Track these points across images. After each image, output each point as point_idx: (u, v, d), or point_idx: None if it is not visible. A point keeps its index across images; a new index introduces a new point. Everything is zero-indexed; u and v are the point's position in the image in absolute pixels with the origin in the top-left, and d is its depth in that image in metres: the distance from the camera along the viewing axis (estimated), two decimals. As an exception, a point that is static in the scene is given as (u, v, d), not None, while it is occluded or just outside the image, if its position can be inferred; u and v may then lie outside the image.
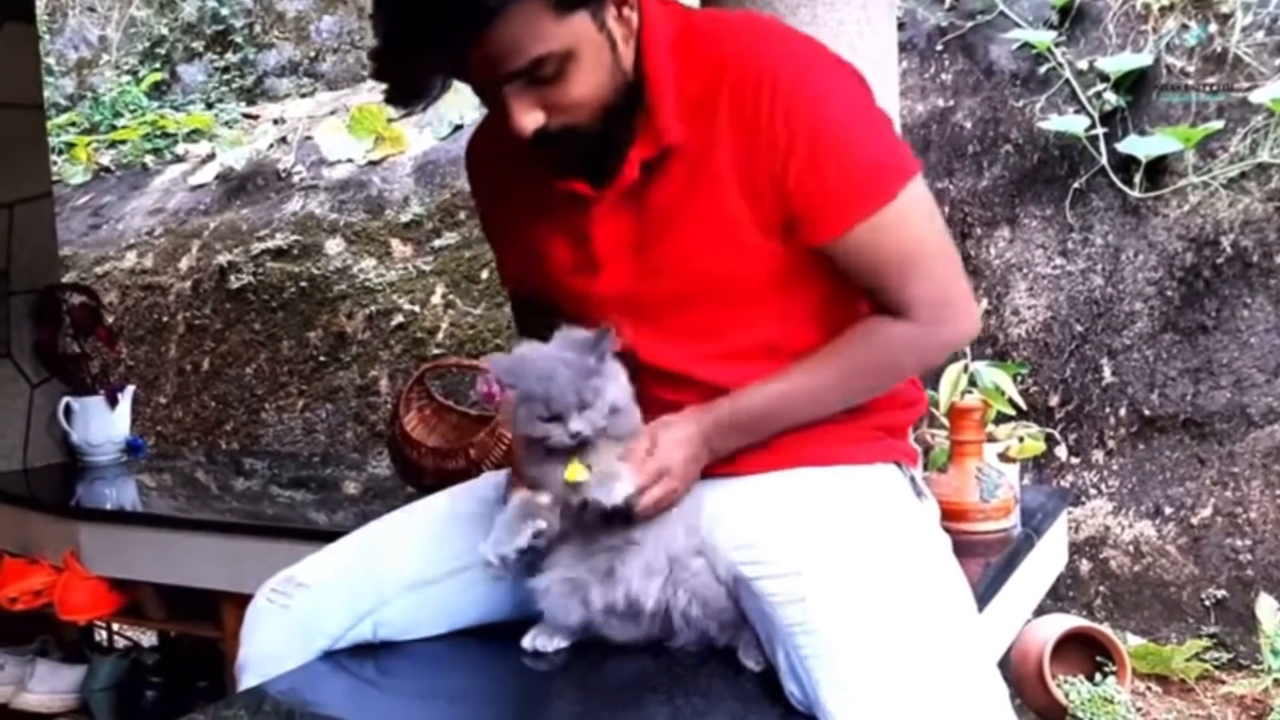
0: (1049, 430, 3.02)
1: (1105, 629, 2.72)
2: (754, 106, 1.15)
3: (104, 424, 2.79)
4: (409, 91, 1.17)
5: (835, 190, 1.15)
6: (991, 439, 1.80)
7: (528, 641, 1.27)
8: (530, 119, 1.14)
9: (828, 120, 1.15)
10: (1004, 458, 1.80)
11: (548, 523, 1.20)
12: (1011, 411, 1.77)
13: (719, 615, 1.20)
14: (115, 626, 2.82)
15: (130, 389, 2.85)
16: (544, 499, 1.21)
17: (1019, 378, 2.86)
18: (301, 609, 1.31)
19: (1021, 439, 1.81)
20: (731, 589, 1.20)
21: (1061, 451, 3.26)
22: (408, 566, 1.33)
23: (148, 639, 2.87)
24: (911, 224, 1.18)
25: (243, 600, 1.38)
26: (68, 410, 2.80)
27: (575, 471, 1.17)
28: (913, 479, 1.34)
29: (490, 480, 1.45)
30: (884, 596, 1.12)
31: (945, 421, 1.78)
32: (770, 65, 1.16)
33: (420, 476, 2.08)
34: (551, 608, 1.23)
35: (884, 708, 1.04)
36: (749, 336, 1.24)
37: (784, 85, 1.14)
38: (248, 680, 1.29)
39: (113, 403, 2.77)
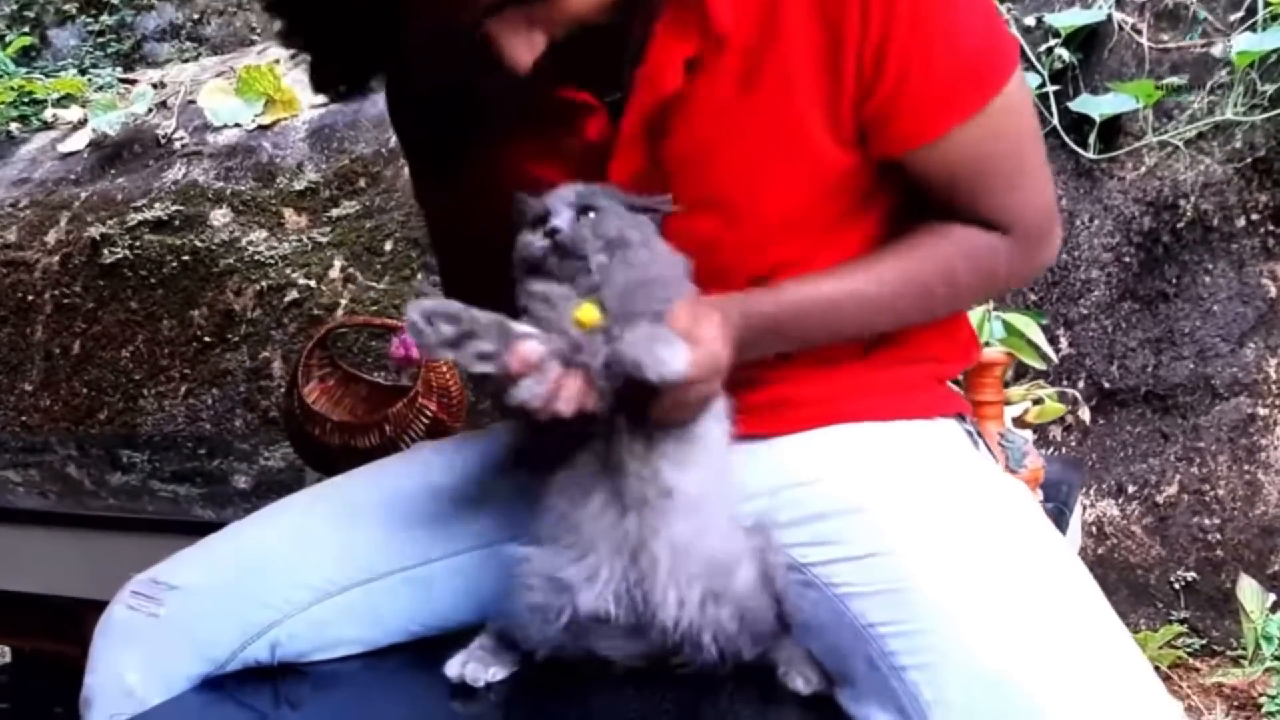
0: (1070, 389, 2.78)
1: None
2: None
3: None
4: (335, 66, 0.89)
5: (941, 80, 0.90)
6: (1006, 401, 1.54)
7: (454, 669, 0.94)
8: (527, 49, 0.84)
9: None
10: (1019, 423, 1.55)
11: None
12: (1043, 366, 1.51)
13: (755, 626, 0.87)
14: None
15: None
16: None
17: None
18: (176, 622, 0.98)
19: (1039, 400, 1.55)
20: (773, 587, 0.88)
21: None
22: (320, 566, 1.00)
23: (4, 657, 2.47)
24: (1018, 118, 0.96)
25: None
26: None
27: (587, 312, 0.82)
28: (972, 434, 1.05)
29: (425, 453, 1.14)
30: (1012, 581, 0.83)
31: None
32: None
33: (327, 458, 1.75)
34: (525, 612, 0.90)
35: None
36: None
37: None
38: None
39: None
